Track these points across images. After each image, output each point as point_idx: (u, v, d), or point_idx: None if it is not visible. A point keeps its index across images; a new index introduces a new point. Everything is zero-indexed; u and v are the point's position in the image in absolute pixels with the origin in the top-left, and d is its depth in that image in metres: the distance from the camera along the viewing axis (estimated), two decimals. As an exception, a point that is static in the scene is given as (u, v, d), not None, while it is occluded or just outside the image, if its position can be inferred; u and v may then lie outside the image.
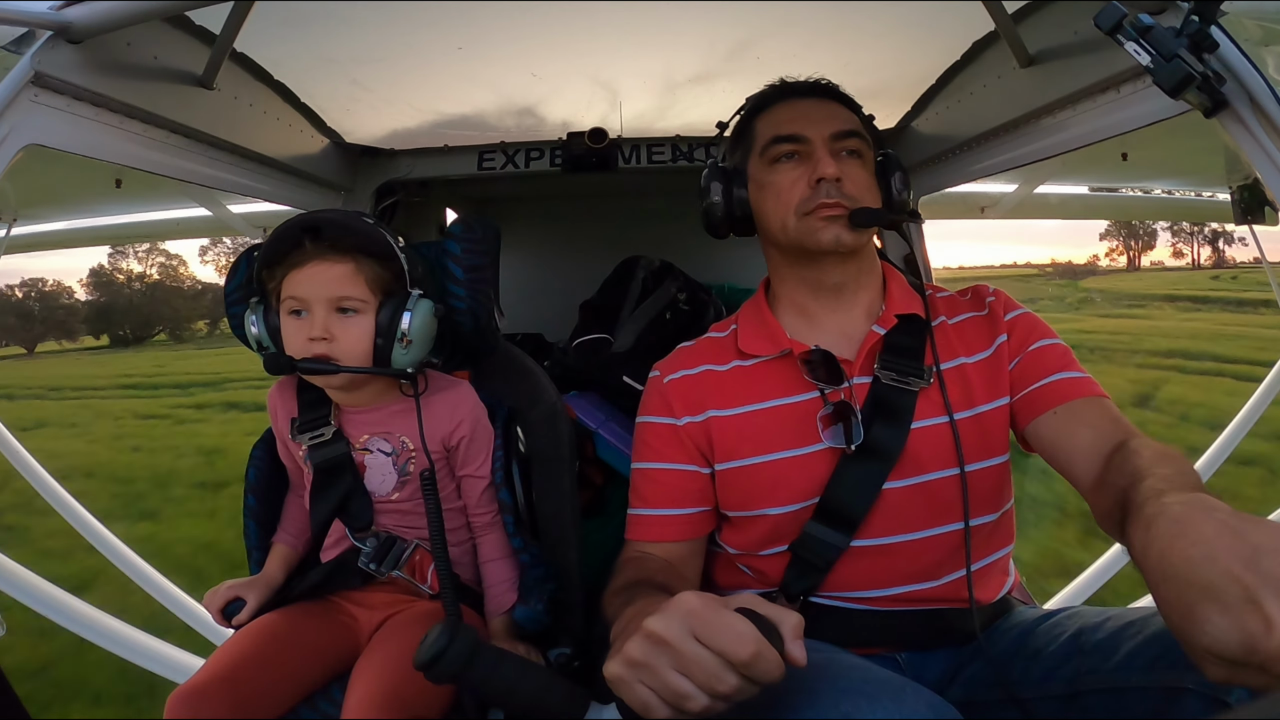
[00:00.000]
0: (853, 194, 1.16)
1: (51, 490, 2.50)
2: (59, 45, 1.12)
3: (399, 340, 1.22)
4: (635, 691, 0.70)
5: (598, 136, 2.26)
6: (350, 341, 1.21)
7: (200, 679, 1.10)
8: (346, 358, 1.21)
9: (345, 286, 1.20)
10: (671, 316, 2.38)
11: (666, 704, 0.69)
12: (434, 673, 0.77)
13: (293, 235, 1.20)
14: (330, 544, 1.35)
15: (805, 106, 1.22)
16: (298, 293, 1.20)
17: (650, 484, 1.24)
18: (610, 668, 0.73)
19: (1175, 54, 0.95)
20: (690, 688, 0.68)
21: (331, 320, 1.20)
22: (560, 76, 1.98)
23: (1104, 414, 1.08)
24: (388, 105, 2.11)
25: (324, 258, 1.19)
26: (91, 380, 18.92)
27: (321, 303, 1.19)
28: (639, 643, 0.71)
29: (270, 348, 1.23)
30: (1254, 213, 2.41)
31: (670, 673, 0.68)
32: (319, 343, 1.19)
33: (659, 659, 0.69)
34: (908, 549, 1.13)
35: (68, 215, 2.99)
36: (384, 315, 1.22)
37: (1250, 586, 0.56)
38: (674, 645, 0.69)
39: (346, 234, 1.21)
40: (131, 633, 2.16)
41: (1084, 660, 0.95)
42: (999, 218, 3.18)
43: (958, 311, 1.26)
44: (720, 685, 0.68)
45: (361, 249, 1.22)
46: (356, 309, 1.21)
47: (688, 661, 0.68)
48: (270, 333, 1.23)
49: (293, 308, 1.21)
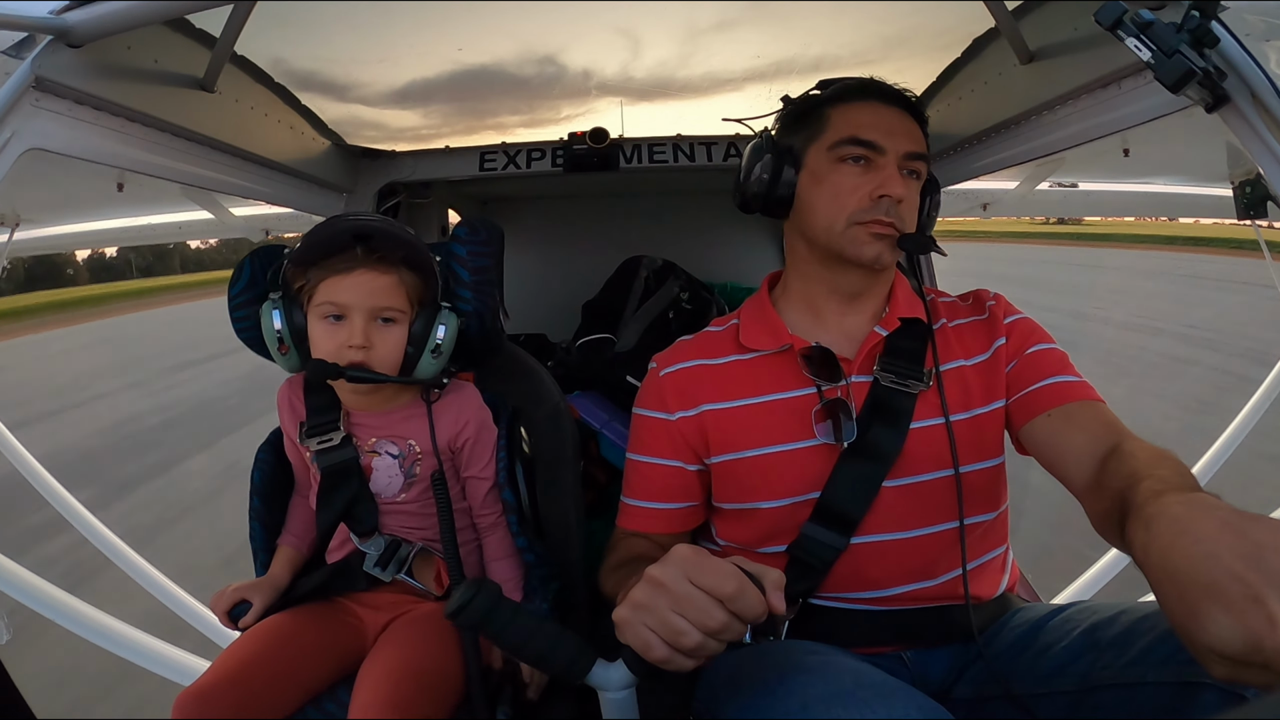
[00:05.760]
0: (905, 216, 1.17)
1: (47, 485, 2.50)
2: (59, 49, 1.12)
3: (430, 351, 1.25)
4: (638, 632, 0.77)
5: (599, 136, 2.26)
6: (386, 350, 1.23)
7: (207, 681, 1.10)
8: (381, 365, 1.22)
9: (389, 297, 1.22)
10: (674, 316, 2.39)
11: (665, 642, 0.76)
12: (460, 620, 0.83)
13: (341, 241, 1.20)
14: (335, 546, 1.35)
15: (889, 115, 1.19)
16: (340, 299, 1.20)
17: (640, 477, 1.27)
18: (617, 612, 0.80)
19: (1176, 49, 0.95)
20: (684, 624, 0.75)
21: (371, 329, 1.21)
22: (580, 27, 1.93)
23: (1098, 418, 1.09)
24: (388, 106, 2.11)
25: (373, 267, 1.20)
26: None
27: (363, 311, 1.20)
28: (641, 587, 0.79)
29: (290, 345, 1.23)
30: (1256, 208, 2.40)
31: (667, 612, 0.76)
32: (357, 350, 1.20)
33: (658, 600, 0.77)
34: (903, 547, 1.14)
35: (70, 219, 3.00)
36: (418, 326, 1.25)
37: (1253, 584, 0.56)
38: (670, 586, 0.76)
39: (396, 245, 1.22)
40: (136, 634, 2.16)
41: (1098, 656, 0.95)
42: (1002, 214, 3.18)
43: (958, 315, 1.26)
44: (710, 620, 0.74)
45: (406, 261, 1.23)
46: (394, 319, 1.23)
47: (682, 600, 0.75)
48: (294, 332, 1.23)
49: (330, 312, 1.21)
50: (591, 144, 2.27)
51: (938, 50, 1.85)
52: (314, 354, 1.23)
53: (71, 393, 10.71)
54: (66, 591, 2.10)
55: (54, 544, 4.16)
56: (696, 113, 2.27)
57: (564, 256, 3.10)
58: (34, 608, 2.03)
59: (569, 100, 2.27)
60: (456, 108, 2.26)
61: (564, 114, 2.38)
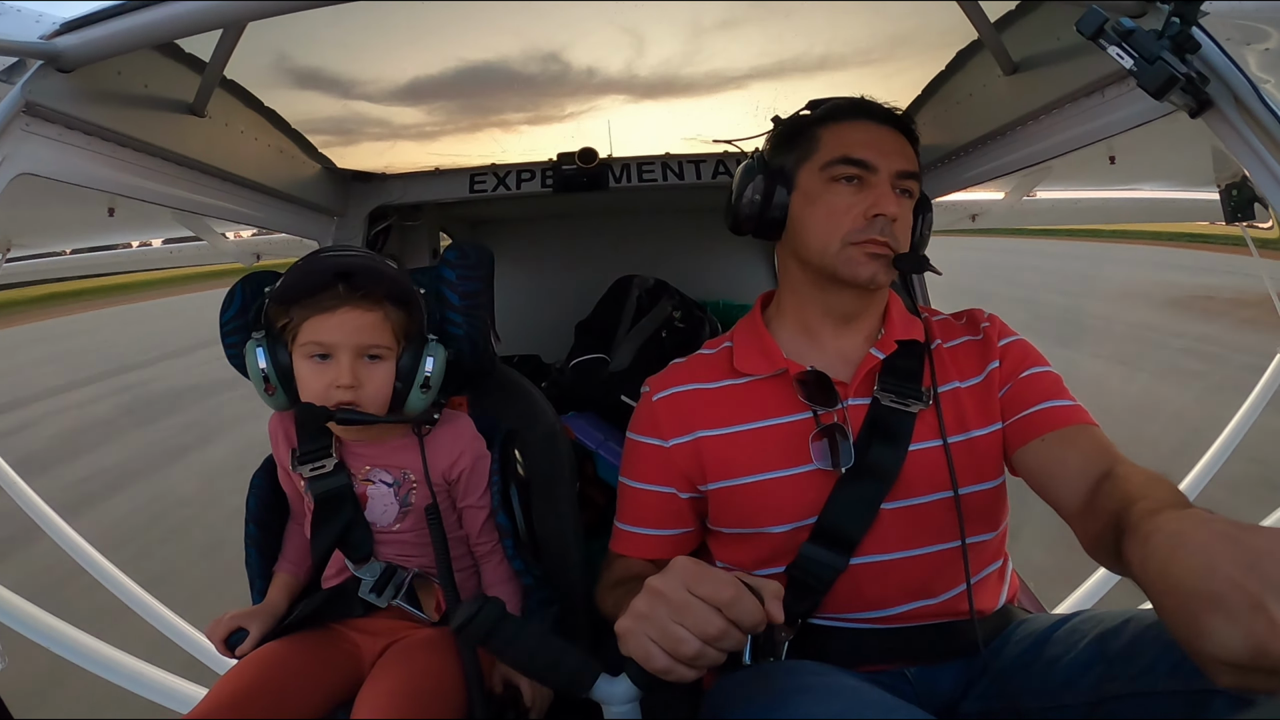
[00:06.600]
0: (900, 235, 1.16)
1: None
2: (50, 74, 1.13)
3: (419, 385, 1.24)
4: (639, 643, 0.79)
5: (588, 156, 2.26)
6: (375, 388, 1.21)
7: (204, 709, 1.09)
8: (370, 403, 1.21)
9: (375, 335, 1.20)
10: (667, 335, 2.39)
11: (665, 651, 0.77)
12: (466, 634, 0.84)
13: (324, 279, 1.18)
14: (332, 574, 1.34)
15: (881, 134, 1.18)
16: (325, 338, 1.18)
17: (633, 502, 1.26)
18: (619, 623, 0.82)
19: (1158, 56, 0.96)
20: (684, 633, 0.76)
21: (359, 367, 1.20)
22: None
23: (1092, 442, 1.08)
24: (378, 130, 2.11)
25: (357, 305, 1.19)
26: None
27: (349, 350, 1.19)
28: (642, 597, 0.81)
29: (276, 386, 1.21)
30: (1243, 211, 2.42)
31: (668, 621, 0.77)
32: (346, 390, 1.19)
33: (658, 610, 0.78)
34: (903, 566, 1.13)
35: (61, 244, 3.00)
36: (406, 361, 1.24)
37: (1253, 591, 0.56)
38: (670, 596, 0.78)
39: (380, 280, 1.21)
40: (132, 662, 2.13)
41: (1108, 667, 0.94)
42: (990, 225, 3.20)
43: (952, 335, 1.26)
44: (709, 628, 0.76)
45: (390, 296, 1.22)
46: (381, 355, 1.22)
47: (681, 609, 0.77)
48: (280, 371, 1.21)
49: (315, 351, 1.19)
50: (580, 164, 2.27)
51: (943, 49, 1.86)
52: (301, 394, 1.21)
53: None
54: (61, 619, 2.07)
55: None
56: (697, 112, 2.26)
57: (556, 277, 3.10)
58: (29, 635, 2.00)
59: (572, 98, 2.26)
60: (459, 105, 2.25)
61: (568, 111, 2.36)
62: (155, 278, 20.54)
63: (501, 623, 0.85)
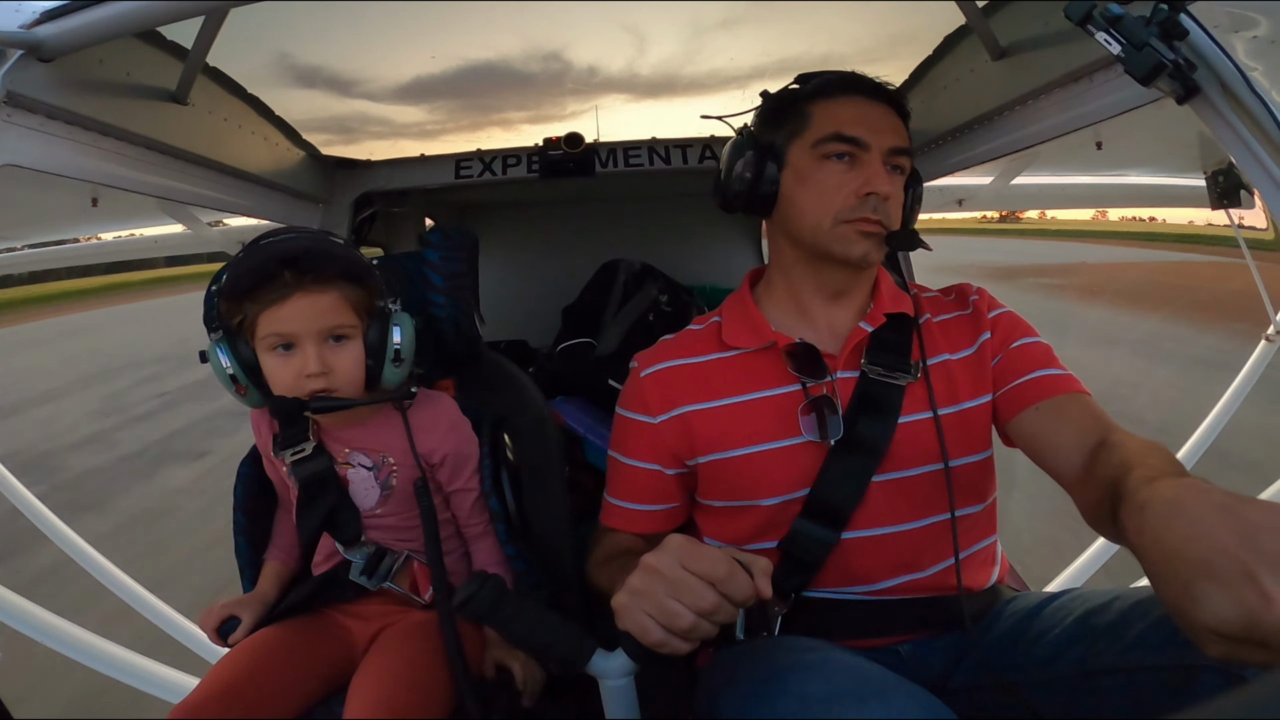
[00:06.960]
0: (892, 212, 1.15)
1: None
2: (30, 64, 1.11)
3: (391, 360, 1.22)
4: (635, 617, 0.82)
5: (574, 141, 2.25)
6: (346, 370, 1.19)
7: (197, 698, 1.09)
8: (344, 386, 1.19)
9: (336, 315, 1.17)
10: (654, 318, 2.39)
11: (660, 625, 0.81)
12: (467, 611, 0.87)
13: (269, 268, 1.14)
14: (321, 559, 1.34)
15: (872, 110, 1.16)
16: (284, 329, 1.15)
17: (621, 477, 1.27)
18: (616, 599, 0.85)
19: (1146, 42, 0.96)
20: (679, 607, 0.80)
21: (325, 352, 1.17)
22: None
23: (1086, 410, 1.09)
24: (362, 116, 2.09)
25: (308, 290, 1.14)
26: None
27: (312, 336, 1.15)
28: (638, 574, 0.84)
29: (246, 385, 1.18)
30: (1230, 196, 2.44)
31: (663, 596, 0.81)
32: (317, 378, 1.16)
33: (654, 585, 0.81)
34: (893, 540, 1.14)
35: (44, 234, 2.96)
36: (373, 336, 1.21)
37: (1247, 563, 0.57)
38: (664, 572, 0.81)
39: (328, 261, 1.17)
40: (124, 654, 2.12)
41: (1094, 642, 0.95)
42: (977, 210, 3.20)
43: (942, 310, 1.27)
44: (703, 602, 0.79)
45: (342, 274, 1.18)
46: (347, 335, 1.19)
47: (676, 584, 0.80)
48: (246, 369, 1.17)
49: (277, 343, 1.16)
50: (567, 149, 2.26)
51: (930, 33, 1.85)
52: (272, 387, 1.18)
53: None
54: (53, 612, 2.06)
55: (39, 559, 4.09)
56: (697, 111, 2.25)
57: (543, 262, 3.09)
58: (19, 629, 1.99)
59: (573, 96, 2.26)
60: (460, 103, 2.24)
61: (569, 110, 2.36)
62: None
63: (501, 600, 0.88)
